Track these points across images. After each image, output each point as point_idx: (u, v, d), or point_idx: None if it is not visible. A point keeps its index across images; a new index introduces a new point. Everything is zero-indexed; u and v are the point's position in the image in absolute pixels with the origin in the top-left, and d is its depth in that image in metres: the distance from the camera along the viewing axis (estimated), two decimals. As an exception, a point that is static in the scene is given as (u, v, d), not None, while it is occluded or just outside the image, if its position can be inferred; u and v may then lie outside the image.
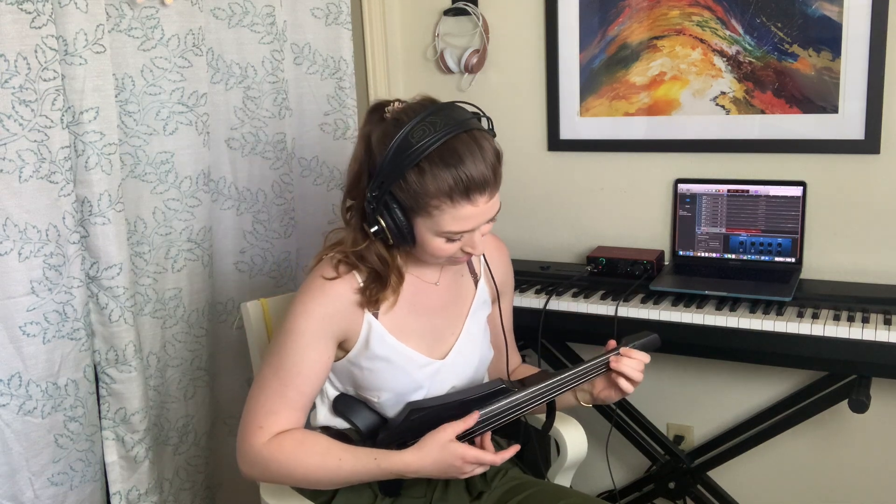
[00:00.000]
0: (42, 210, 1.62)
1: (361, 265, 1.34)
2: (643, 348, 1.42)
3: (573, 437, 1.61)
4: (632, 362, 1.38)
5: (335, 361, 1.39)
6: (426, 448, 1.28)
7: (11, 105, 1.55)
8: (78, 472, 1.77)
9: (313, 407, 1.44)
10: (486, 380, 1.53)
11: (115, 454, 1.83)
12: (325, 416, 1.45)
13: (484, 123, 1.33)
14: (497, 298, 1.54)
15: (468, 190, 1.24)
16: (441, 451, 1.27)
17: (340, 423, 1.44)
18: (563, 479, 1.64)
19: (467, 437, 1.33)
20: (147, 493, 1.88)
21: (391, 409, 1.40)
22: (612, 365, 1.39)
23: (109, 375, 1.79)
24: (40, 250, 1.63)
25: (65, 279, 1.67)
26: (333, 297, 1.33)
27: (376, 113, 1.33)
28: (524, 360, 1.74)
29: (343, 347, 1.38)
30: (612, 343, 1.43)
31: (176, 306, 1.96)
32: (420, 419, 1.35)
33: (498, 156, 1.30)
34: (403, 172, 1.24)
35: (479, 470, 1.32)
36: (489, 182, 1.26)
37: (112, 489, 1.84)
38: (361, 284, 1.35)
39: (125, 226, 1.76)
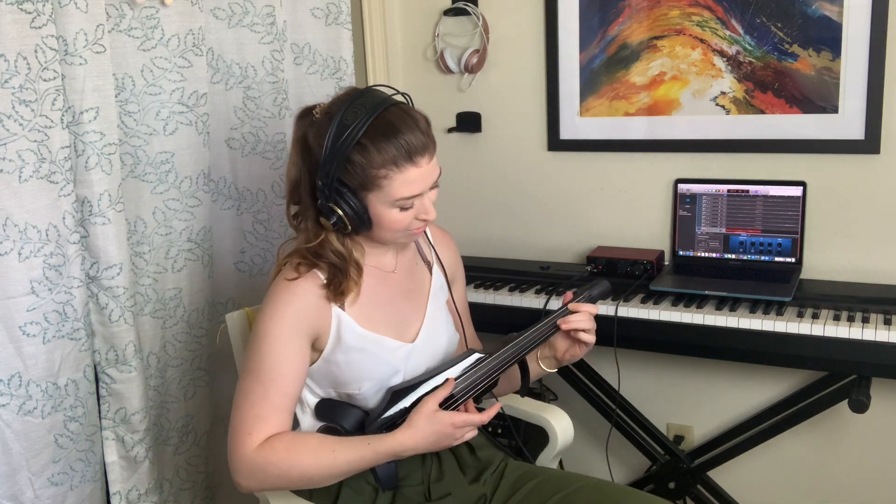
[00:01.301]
0: (42, 210, 1.62)
1: (320, 262, 1.38)
2: (597, 297, 1.50)
3: (560, 424, 1.65)
4: (580, 316, 1.46)
5: (311, 365, 1.41)
6: (415, 423, 1.32)
7: (11, 105, 1.55)
8: (78, 472, 1.77)
9: (297, 421, 1.45)
10: None
11: (115, 454, 1.83)
12: (309, 424, 1.46)
13: (403, 101, 1.40)
14: (449, 284, 1.59)
15: (410, 154, 1.31)
16: (430, 423, 1.31)
17: None
18: (550, 465, 1.67)
19: (451, 408, 1.37)
20: (147, 493, 1.88)
21: (373, 400, 1.42)
22: (563, 326, 1.45)
23: (109, 375, 1.79)
24: (40, 250, 1.62)
25: (65, 279, 1.67)
26: (299, 294, 1.36)
27: (306, 117, 1.40)
28: None
29: (316, 348, 1.40)
30: (569, 295, 1.50)
31: (176, 306, 1.96)
32: (403, 400, 1.39)
33: (427, 121, 1.37)
34: (347, 155, 1.30)
35: (470, 434, 1.36)
36: (427, 144, 1.34)
37: (112, 489, 1.84)
38: (324, 280, 1.38)
39: (125, 226, 1.76)
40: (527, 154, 2.37)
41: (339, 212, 1.33)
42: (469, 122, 2.42)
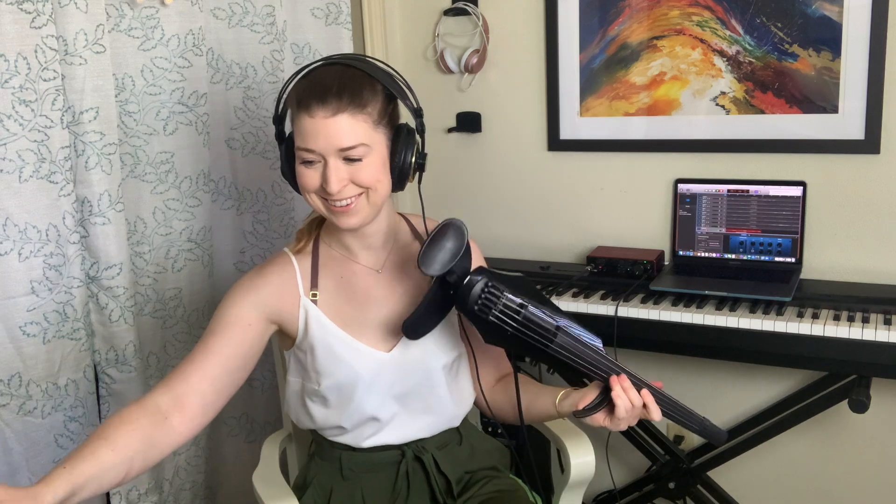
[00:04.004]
0: (42, 210, 1.62)
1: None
2: (705, 435, 1.36)
3: (578, 454, 1.48)
4: (627, 397, 1.25)
5: (286, 350, 1.41)
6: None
7: (11, 105, 1.55)
8: (78, 472, 1.77)
9: (307, 411, 1.40)
10: (448, 386, 1.41)
11: (115, 454, 1.83)
12: (319, 413, 1.40)
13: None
14: None
15: (308, 99, 1.22)
16: None
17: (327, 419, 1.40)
18: (570, 498, 1.50)
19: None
20: (147, 493, 1.88)
21: (334, 399, 1.35)
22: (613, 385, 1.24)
23: (109, 375, 1.79)
24: (40, 250, 1.63)
25: (65, 279, 1.67)
26: (263, 274, 1.36)
27: None
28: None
29: (289, 335, 1.38)
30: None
31: (176, 306, 1.96)
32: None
33: (363, 84, 1.24)
34: (281, 97, 1.31)
35: None
36: (328, 91, 1.21)
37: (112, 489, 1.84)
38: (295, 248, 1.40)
39: (125, 226, 1.76)
40: (527, 154, 2.37)
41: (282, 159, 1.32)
42: (469, 122, 2.42)
